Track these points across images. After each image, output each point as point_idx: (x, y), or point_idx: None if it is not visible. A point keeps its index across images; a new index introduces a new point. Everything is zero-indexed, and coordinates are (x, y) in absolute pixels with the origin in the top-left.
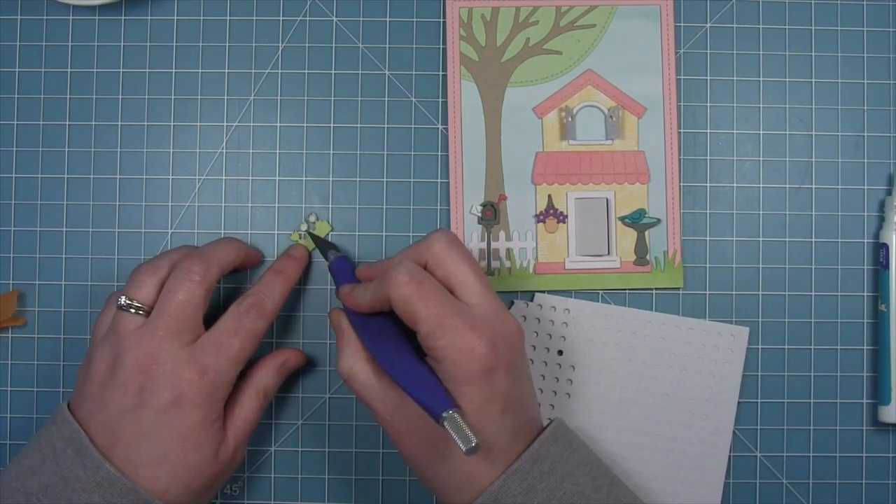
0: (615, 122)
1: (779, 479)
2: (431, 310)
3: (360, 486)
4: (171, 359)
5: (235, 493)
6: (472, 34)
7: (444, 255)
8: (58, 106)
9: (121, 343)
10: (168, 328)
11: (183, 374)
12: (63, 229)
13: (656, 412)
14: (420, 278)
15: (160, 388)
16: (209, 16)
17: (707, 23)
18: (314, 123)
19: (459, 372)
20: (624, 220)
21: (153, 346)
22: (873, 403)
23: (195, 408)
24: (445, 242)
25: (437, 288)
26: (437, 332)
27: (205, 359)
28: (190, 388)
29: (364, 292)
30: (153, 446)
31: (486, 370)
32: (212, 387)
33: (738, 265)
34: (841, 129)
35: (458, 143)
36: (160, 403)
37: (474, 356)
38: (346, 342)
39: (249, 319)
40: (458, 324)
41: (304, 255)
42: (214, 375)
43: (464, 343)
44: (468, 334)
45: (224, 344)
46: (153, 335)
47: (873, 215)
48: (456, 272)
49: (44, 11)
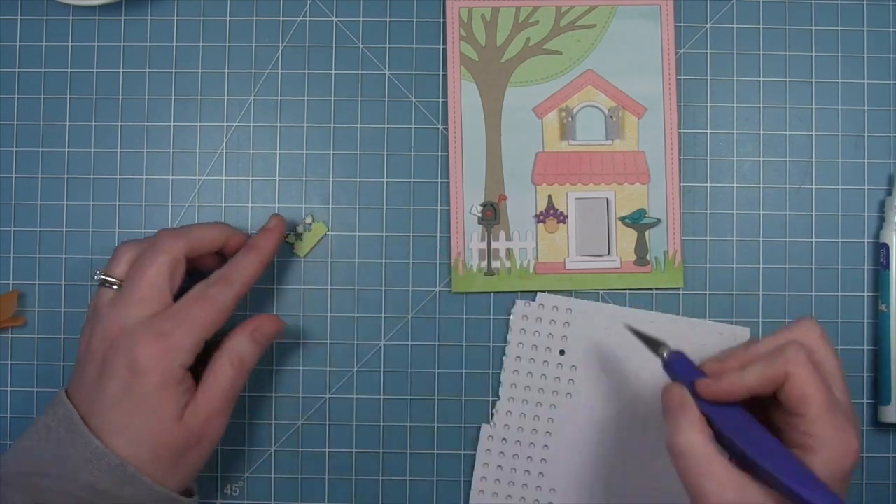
0: (615, 122)
1: None
2: (824, 396)
3: (360, 486)
4: (132, 327)
5: (235, 493)
6: (472, 34)
7: (824, 346)
8: (58, 106)
9: (95, 316)
10: (133, 297)
11: (138, 340)
12: (63, 229)
13: (657, 412)
14: (815, 361)
15: (118, 355)
16: (209, 16)
17: (707, 23)
18: (314, 123)
19: (834, 466)
20: (624, 221)
21: (119, 316)
22: (873, 403)
23: (149, 372)
24: (821, 333)
25: (825, 377)
26: (824, 420)
27: (163, 325)
28: (144, 351)
29: (744, 375)
30: (118, 415)
31: (851, 470)
32: (167, 350)
33: (738, 265)
34: (841, 129)
35: (458, 143)
36: (117, 370)
37: (850, 454)
38: (690, 415)
39: (215, 290)
40: (843, 418)
41: (277, 224)
42: (170, 340)
43: (845, 437)
44: (850, 431)
45: (184, 311)
46: (120, 305)
47: (873, 215)
48: (832, 365)
49: (44, 11)
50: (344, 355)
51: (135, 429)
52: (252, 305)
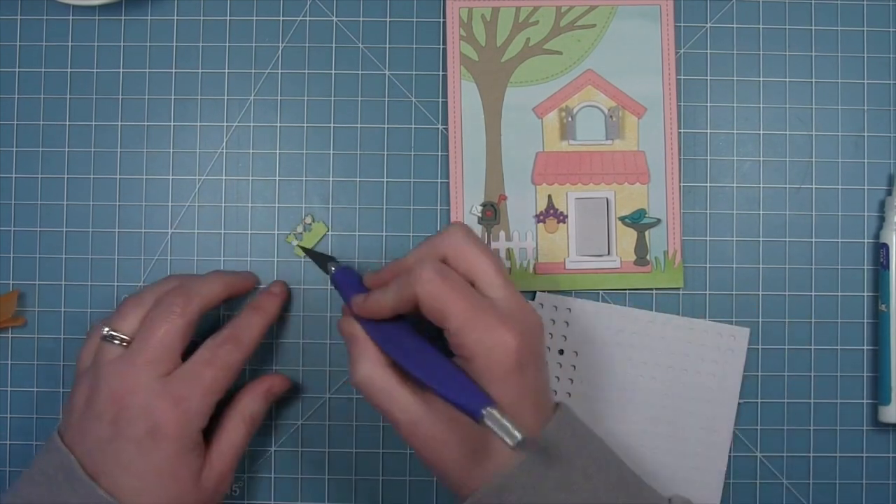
0: (615, 122)
1: (779, 479)
2: (461, 305)
3: (360, 486)
4: (145, 389)
5: (235, 493)
6: (472, 34)
7: (463, 249)
8: (58, 106)
9: (99, 373)
10: (145, 359)
11: (156, 405)
12: (63, 229)
13: (656, 412)
14: (446, 274)
15: (135, 419)
16: (209, 16)
17: (707, 23)
18: (314, 123)
19: (492, 368)
20: (624, 220)
21: (129, 377)
22: (873, 403)
23: (170, 439)
24: (463, 235)
25: (463, 283)
26: (468, 328)
27: (178, 390)
28: (163, 418)
29: (384, 296)
30: (133, 479)
31: (518, 365)
32: (185, 417)
33: (738, 265)
34: (841, 129)
35: (458, 143)
36: (135, 434)
37: (507, 351)
38: (361, 350)
39: (224, 351)
40: (489, 319)
41: (282, 290)
42: (188, 406)
43: (496, 338)
44: (499, 329)
45: (198, 374)
46: (130, 366)
47: (873, 215)
48: (477, 266)
49: (44, 11)
50: (344, 355)
51: (151, 493)
52: None
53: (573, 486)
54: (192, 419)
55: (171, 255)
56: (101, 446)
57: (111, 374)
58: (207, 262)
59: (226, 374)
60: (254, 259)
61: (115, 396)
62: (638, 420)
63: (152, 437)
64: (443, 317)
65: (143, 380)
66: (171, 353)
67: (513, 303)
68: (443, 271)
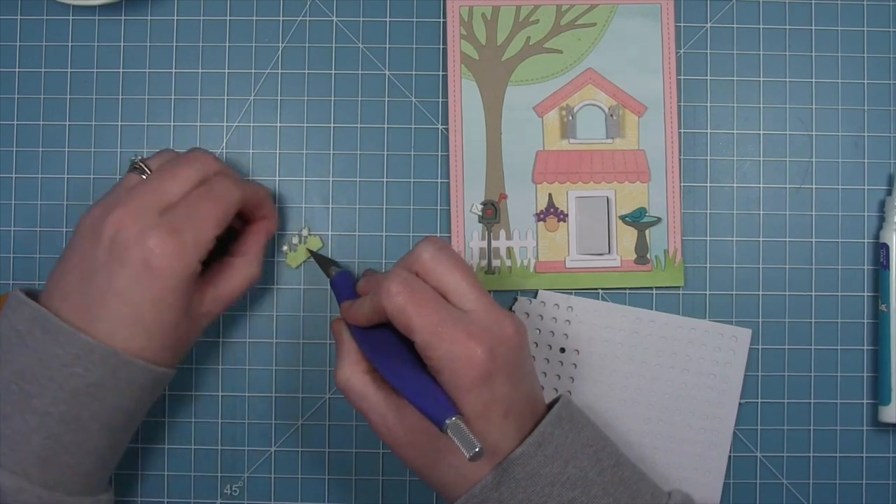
0: (616, 120)
1: (779, 479)
2: (426, 318)
3: (360, 486)
4: (144, 219)
5: (235, 493)
6: (473, 33)
7: (433, 264)
8: (58, 106)
9: (112, 194)
10: (153, 193)
11: (152, 234)
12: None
13: (657, 412)
14: (414, 287)
15: (131, 245)
16: (209, 16)
17: (707, 23)
18: (314, 123)
19: (459, 380)
20: (624, 219)
21: (134, 205)
22: (873, 403)
23: (165, 270)
24: (433, 250)
25: (431, 295)
26: (434, 342)
27: (175, 221)
28: (160, 248)
29: (362, 306)
30: (126, 306)
31: (485, 376)
32: (182, 247)
33: (738, 265)
34: (841, 129)
35: (459, 142)
36: (130, 260)
37: (473, 363)
38: (345, 352)
39: (220, 185)
40: (455, 332)
41: None
42: (184, 237)
43: (461, 351)
44: (465, 342)
45: (194, 207)
46: (138, 194)
47: (873, 215)
48: (447, 279)
49: (44, 11)
50: None
51: (145, 322)
52: (252, 304)
53: (570, 481)
54: (189, 251)
55: None
56: (94, 271)
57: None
58: None
59: (222, 207)
60: None
61: (117, 220)
62: (638, 419)
63: (147, 267)
64: (409, 329)
65: (144, 210)
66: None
67: (485, 314)
68: (411, 285)
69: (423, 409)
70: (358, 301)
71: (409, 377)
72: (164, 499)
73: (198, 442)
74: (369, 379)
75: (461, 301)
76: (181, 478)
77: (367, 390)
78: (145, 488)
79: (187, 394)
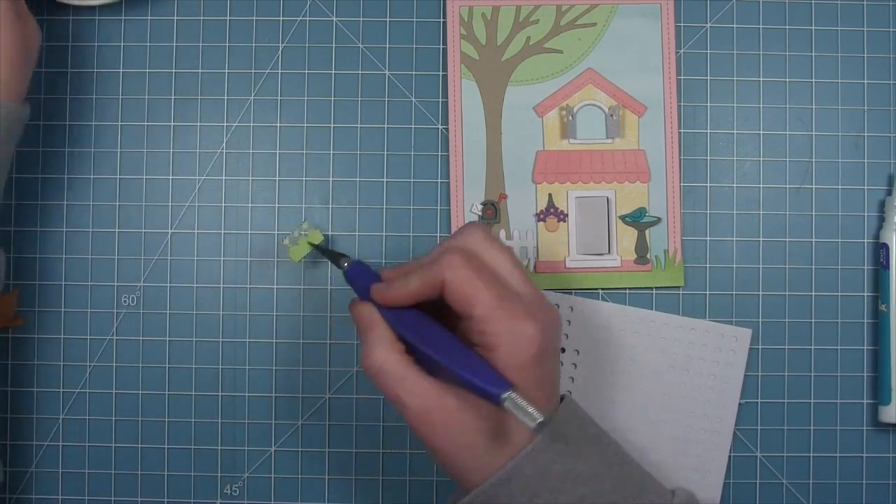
0: (616, 120)
1: (779, 479)
2: (489, 293)
3: (360, 486)
4: None
5: (235, 493)
6: (473, 33)
7: (483, 247)
8: (58, 106)
9: None
10: None
11: None
12: (63, 229)
13: (657, 412)
14: (476, 262)
15: None
16: (209, 16)
17: (707, 23)
18: (314, 123)
19: (515, 357)
20: (624, 219)
21: None
22: (873, 403)
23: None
24: (484, 233)
25: (490, 272)
26: (495, 316)
27: None
28: None
29: (407, 282)
30: None
31: (538, 356)
32: None
33: (738, 265)
34: (841, 129)
35: (459, 142)
36: None
37: (530, 341)
38: (377, 334)
39: None
40: (515, 308)
41: None
42: None
43: (520, 328)
44: (524, 320)
45: None
46: None
47: (873, 215)
48: (499, 260)
49: (44, 11)
50: (343, 356)
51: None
52: (252, 306)
53: (579, 477)
54: None
55: (170, 255)
56: None
57: None
58: (207, 261)
59: None
60: (253, 259)
61: None
62: (638, 419)
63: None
64: (470, 303)
65: None
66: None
67: (534, 297)
68: (471, 259)
69: (477, 383)
70: (399, 280)
71: (457, 353)
72: (164, 499)
73: (198, 442)
74: (406, 360)
75: (513, 283)
76: (181, 478)
77: (405, 371)
78: (145, 488)
79: (187, 394)
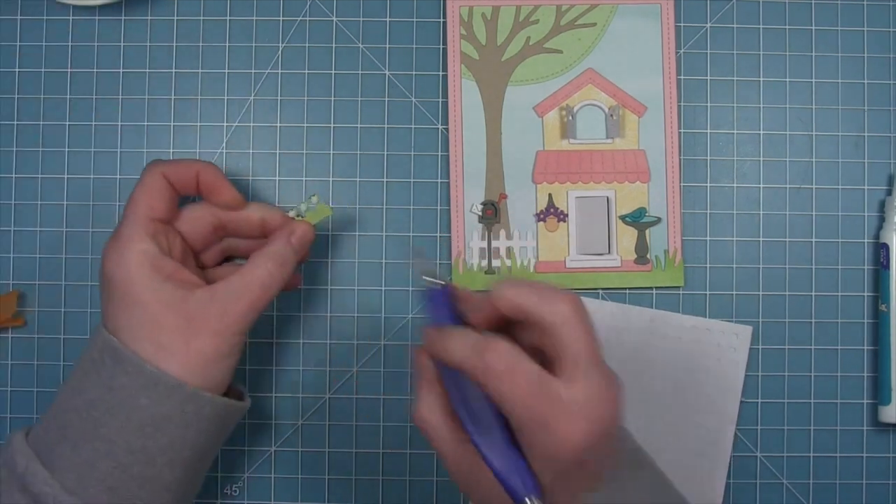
0: (616, 120)
1: (779, 479)
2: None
3: (360, 486)
4: None
5: (235, 493)
6: (473, 33)
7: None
8: (58, 106)
9: None
10: None
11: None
12: (63, 229)
13: (657, 411)
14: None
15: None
16: (209, 16)
17: (707, 23)
18: (314, 123)
19: (549, 464)
20: (624, 219)
21: None
22: (873, 403)
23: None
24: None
25: (531, 370)
26: (530, 426)
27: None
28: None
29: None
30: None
31: (576, 462)
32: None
33: (738, 265)
34: (841, 129)
35: (459, 142)
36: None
37: (567, 449)
38: (428, 390)
39: None
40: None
41: None
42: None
43: (556, 438)
44: (562, 427)
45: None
46: None
47: (873, 215)
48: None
49: (44, 11)
50: (344, 355)
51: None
52: None
53: None
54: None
55: None
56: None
57: None
58: None
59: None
60: None
61: None
62: (638, 419)
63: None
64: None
65: None
66: None
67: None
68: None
69: (502, 479)
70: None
71: (492, 441)
72: None
73: None
74: (451, 422)
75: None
76: None
77: (443, 435)
78: None
79: None
